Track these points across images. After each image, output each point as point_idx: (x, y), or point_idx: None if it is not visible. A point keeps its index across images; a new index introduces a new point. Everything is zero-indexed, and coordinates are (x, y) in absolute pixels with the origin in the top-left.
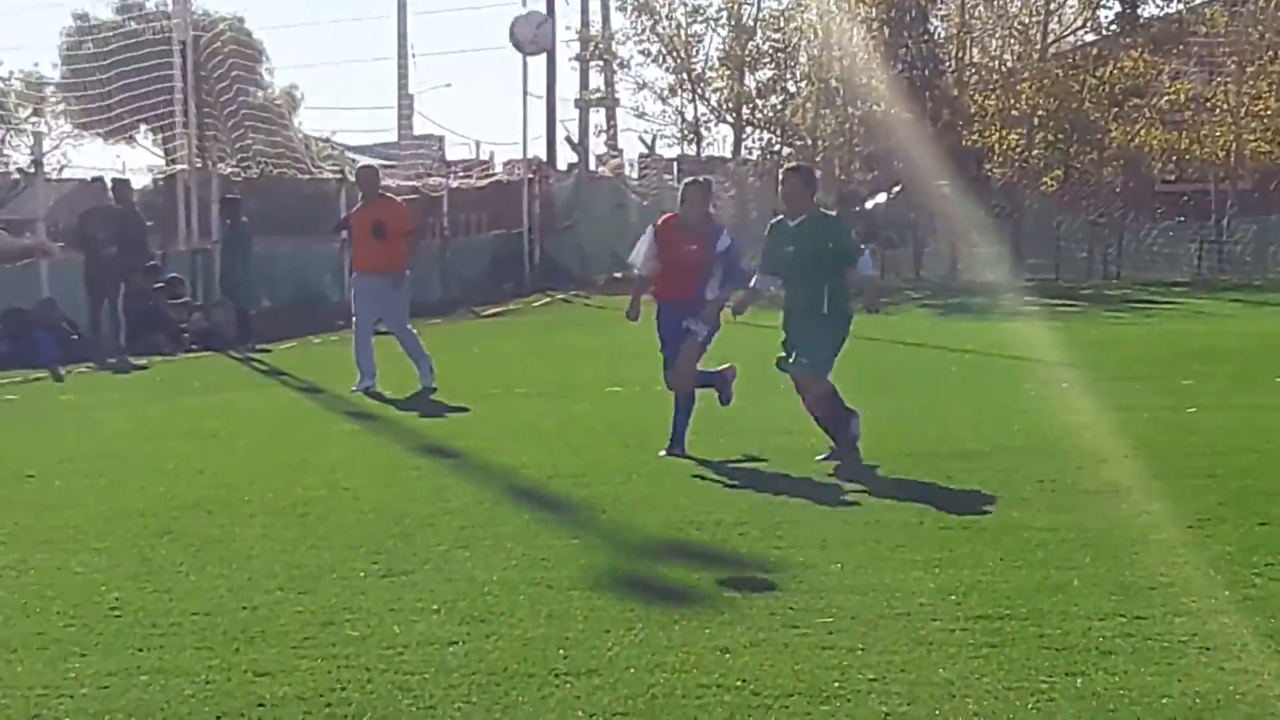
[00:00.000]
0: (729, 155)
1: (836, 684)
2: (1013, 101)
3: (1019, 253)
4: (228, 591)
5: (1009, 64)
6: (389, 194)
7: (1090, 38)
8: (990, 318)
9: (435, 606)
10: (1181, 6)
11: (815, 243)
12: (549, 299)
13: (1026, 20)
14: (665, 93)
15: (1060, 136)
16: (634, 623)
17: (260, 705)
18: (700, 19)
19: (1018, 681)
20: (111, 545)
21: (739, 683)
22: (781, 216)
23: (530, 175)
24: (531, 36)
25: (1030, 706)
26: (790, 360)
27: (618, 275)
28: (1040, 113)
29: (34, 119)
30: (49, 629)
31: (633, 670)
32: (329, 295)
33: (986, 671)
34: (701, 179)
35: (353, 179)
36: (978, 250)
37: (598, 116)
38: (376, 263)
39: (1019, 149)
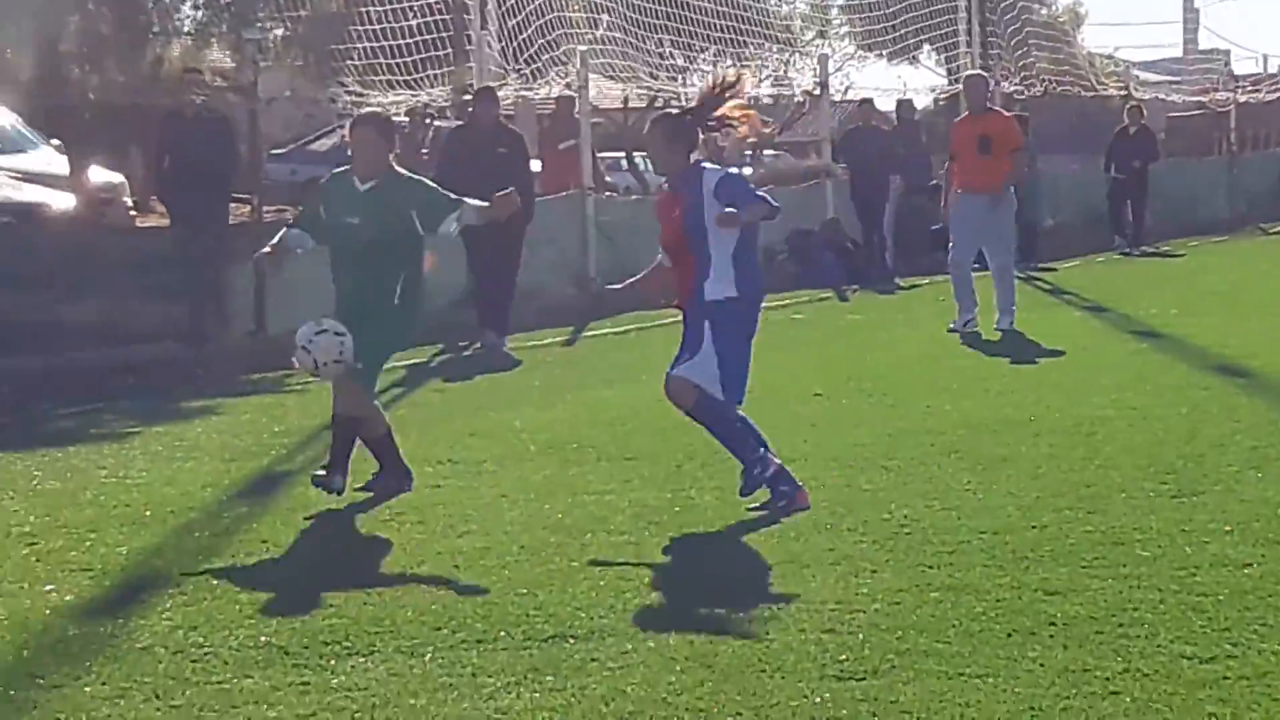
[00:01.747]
0: None
1: None
2: None
3: None
4: (1016, 510)
5: None
6: (998, 107)
7: None
8: None
9: (1228, 528)
10: None
11: (392, 216)
12: None
13: None
14: None
15: None
16: None
17: (1051, 624)
18: None
19: None
20: (899, 463)
21: None
22: (346, 169)
23: None
24: None
25: None
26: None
27: None
28: None
29: (818, 41)
30: (840, 545)
31: None
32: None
33: None
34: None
35: (1136, 95)
36: None
37: None
38: (980, 180)
39: None
